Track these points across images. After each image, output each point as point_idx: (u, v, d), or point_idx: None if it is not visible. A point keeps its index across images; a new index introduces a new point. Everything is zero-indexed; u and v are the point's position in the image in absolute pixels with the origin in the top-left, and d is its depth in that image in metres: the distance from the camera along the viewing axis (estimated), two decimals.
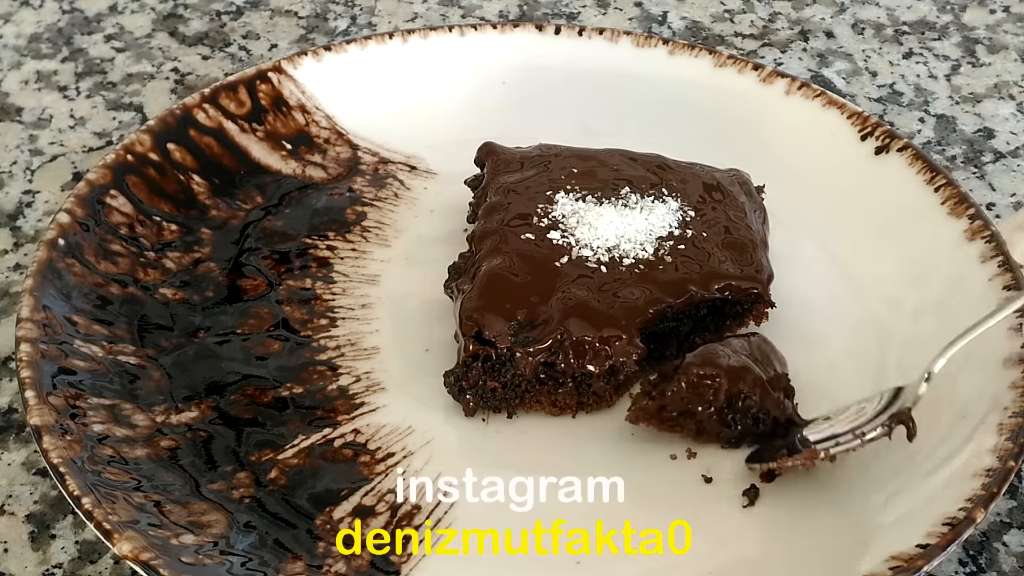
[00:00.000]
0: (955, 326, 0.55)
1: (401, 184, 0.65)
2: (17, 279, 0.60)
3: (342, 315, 0.58)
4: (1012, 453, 0.47)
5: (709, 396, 0.51)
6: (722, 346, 0.53)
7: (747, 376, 0.51)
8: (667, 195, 0.57)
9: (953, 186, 0.59)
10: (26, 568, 0.48)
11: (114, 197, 0.58)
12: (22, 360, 0.49)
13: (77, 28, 0.78)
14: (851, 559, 0.47)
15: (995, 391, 0.51)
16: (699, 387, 0.50)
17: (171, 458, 0.50)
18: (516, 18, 0.80)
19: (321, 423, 0.53)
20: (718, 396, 0.50)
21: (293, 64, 0.66)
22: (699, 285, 0.54)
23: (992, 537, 0.51)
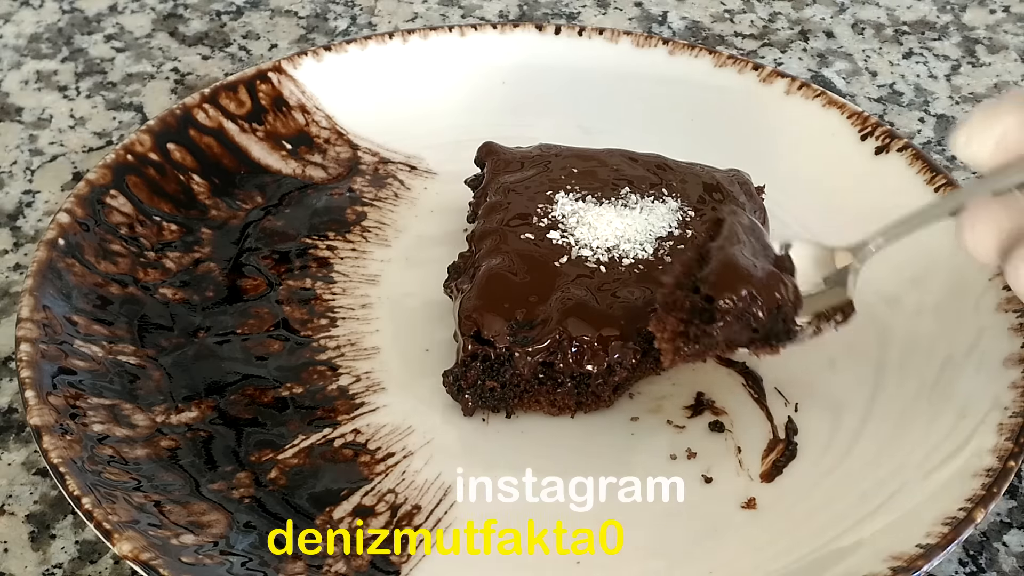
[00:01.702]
0: (955, 326, 0.55)
1: (401, 184, 0.65)
2: (17, 279, 0.60)
3: (342, 315, 0.58)
4: (1012, 453, 0.47)
5: (751, 321, 0.47)
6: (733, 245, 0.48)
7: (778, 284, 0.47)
8: (667, 195, 0.57)
9: (953, 186, 0.59)
10: (26, 568, 0.48)
11: (114, 197, 0.58)
12: (22, 360, 0.49)
13: (77, 28, 0.78)
14: (851, 559, 0.47)
15: (995, 391, 0.51)
16: (741, 315, 0.47)
17: (171, 458, 0.50)
18: (516, 18, 0.80)
19: (321, 423, 0.53)
20: (758, 318, 0.47)
21: (293, 64, 0.66)
22: None
23: (992, 537, 0.51)
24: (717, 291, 0.46)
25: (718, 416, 0.54)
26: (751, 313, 0.46)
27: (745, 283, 0.46)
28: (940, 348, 0.54)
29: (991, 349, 0.52)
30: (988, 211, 0.41)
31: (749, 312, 0.46)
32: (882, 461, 0.51)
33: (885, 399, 0.54)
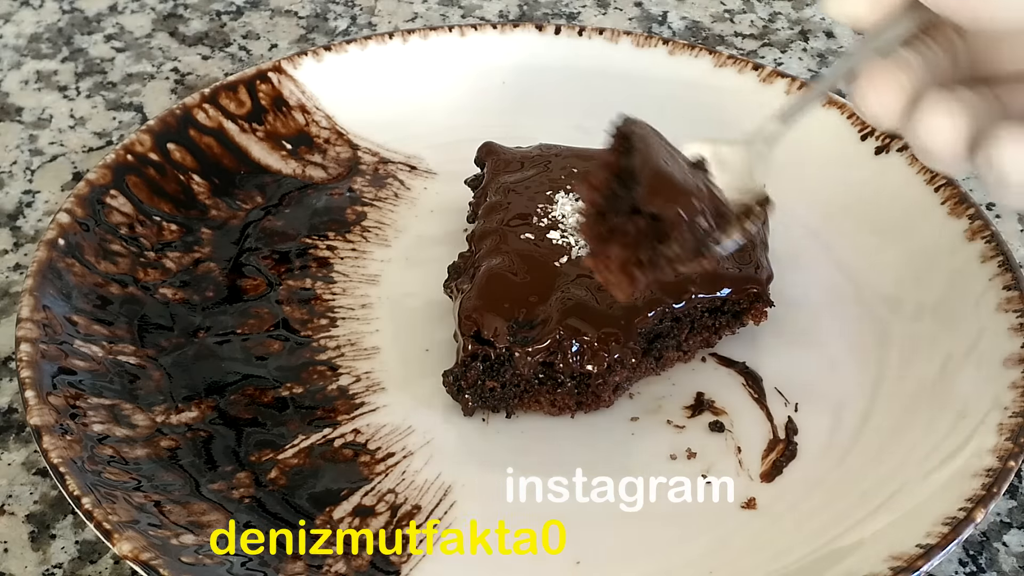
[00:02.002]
0: (955, 326, 0.55)
1: (401, 184, 0.65)
2: (17, 279, 0.60)
3: (342, 315, 0.58)
4: (1012, 453, 0.47)
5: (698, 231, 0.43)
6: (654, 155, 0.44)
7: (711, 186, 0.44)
8: None
9: (953, 186, 0.59)
10: (26, 568, 0.48)
11: (114, 197, 0.58)
12: (22, 360, 0.49)
13: (77, 28, 0.78)
14: (851, 559, 0.47)
15: (995, 391, 0.51)
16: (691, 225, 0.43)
17: (171, 458, 0.50)
18: (516, 18, 0.80)
19: (321, 423, 0.53)
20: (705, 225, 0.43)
21: (293, 64, 0.66)
22: (698, 286, 0.54)
23: (992, 537, 0.51)
24: (664, 204, 0.42)
25: (718, 416, 0.54)
26: (698, 221, 0.43)
27: (687, 191, 0.43)
28: (940, 348, 0.54)
29: (991, 349, 0.52)
30: (886, 72, 0.39)
31: (696, 220, 0.43)
32: (882, 461, 0.51)
33: (885, 399, 0.54)
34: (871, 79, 0.40)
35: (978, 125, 0.38)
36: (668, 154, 0.44)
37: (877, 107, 0.40)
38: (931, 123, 0.39)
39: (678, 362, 0.56)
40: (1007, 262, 0.55)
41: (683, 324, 0.55)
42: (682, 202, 0.42)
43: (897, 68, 0.39)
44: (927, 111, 0.39)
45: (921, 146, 0.39)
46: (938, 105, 0.39)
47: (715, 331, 0.56)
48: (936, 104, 0.39)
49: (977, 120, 0.39)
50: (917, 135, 0.39)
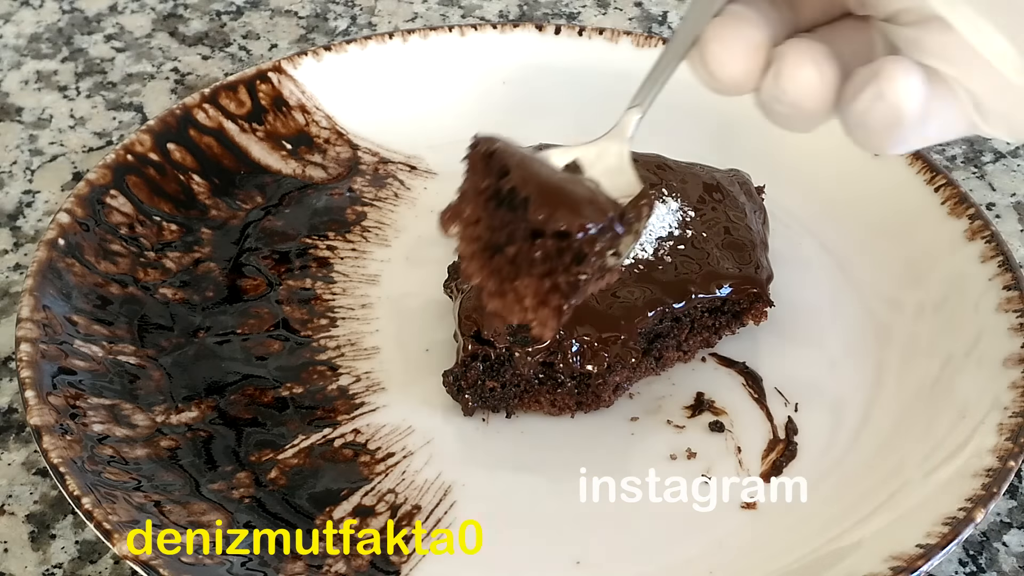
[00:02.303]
0: (955, 326, 0.55)
1: (401, 184, 0.65)
2: (17, 279, 0.60)
3: (342, 315, 0.58)
4: (1012, 453, 0.47)
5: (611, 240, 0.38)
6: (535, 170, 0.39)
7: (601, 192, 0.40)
8: (667, 195, 0.57)
9: (953, 186, 0.59)
10: (26, 568, 0.48)
11: (114, 197, 0.58)
12: (22, 360, 0.49)
13: (77, 28, 0.78)
14: (851, 559, 0.47)
15: (995, 391, 0.51)
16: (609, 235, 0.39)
17: (171, 458, 0.50)
18: (516, 18, 0.80)
19: (321, 423, 0.53)
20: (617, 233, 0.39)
21: (293, 64, 0.66)
22: (699, 286, 0.54)
23: (992, 537, 0.51)
24: (568, 217, 0.38)
25: (718, 416, 0.54)
26: (607, 227, 0.38)
27: (585, 198, 0.38)
28: (940, 348, 0.54)
29: (991, 349, 0.52)
30: (731, 29, 0.37)
31: (605, 227, 0.38)
32: (882, 461, 0.51)
33: (885, 399, 0.54)
34: (719, 39, 0.37)
35: (844, 68, 0.37)
36: (541, 164, 0.40)
37: (731, 67, 0.37)
38: (796, 74, 0.37)
39: (678, 362, 0.56)
40: (1007, 262, 0.55)
41: (683, 324, 0.55)
42: (586, 211, 0.38)
43: (740, 22, 0.37)
44: (789, 63, 0.37)
45: (788, 103, 0.37)
46: (801, 55, 0.37)
47: (715, 331, 0.56)
48: (798, 54, 0.37)
49: (843, 63, 0.37)
50: (783, 91, 0.37)
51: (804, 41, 0.37)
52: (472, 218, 0.40)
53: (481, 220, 0.40)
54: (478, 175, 0.40)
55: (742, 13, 0.38)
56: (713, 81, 0.38)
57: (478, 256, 0.40)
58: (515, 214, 0.39)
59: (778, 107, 0.38)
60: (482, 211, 0.40)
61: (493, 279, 0.40)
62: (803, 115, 0.38)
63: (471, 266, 0.40)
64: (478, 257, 0.40)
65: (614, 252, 0.39)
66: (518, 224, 0.38)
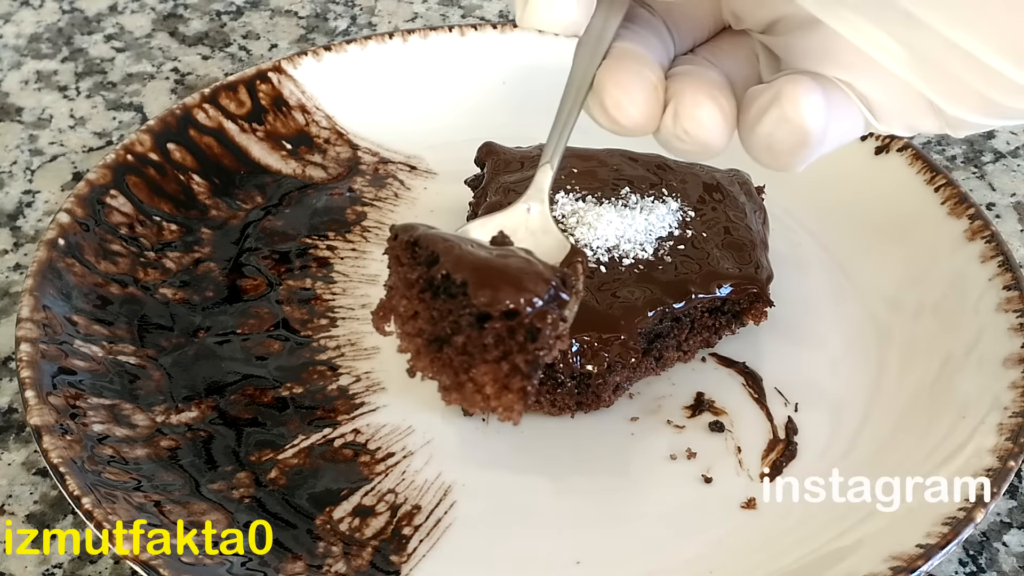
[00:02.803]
0: (955, 326, 0.55)
1: (401, 184, 0.65)
2: (17, 279, 0.60)
3: (342, 315, 0.58)
4: (1012, 453, 0.47)
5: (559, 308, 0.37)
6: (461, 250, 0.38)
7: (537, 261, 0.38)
8: (667, 195, 0.57)
9: (953, 186, 0.59)
10: (26, 568, 0.48)
11: (114, 197, 0.58)
12: (22, 360, 0.49)
13: (77, 28, 0.78)
14: (851, 559, 0.47)
15: (995, 391, 0.51)
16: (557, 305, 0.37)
17: (171, 458, 0.50)
18: None
19: (321, 423, 0.53)
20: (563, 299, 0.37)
21: (293, 64, 0.66)
22: (699, 286, 0.54)
23: (992, 537, 0.51)
24: (512, 295, 0.36)
25: (718, 416, 0.54)
26: (552, 296, 0.37)
27: (524, 271, 0.37)
28: (940, 348, 0.54)
29: (991, 349, 0.52)
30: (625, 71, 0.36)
31: (550, 297, 0.37)
32: (882, 461, 0.51)
33: (885, 399, 0.54)
34: (616, 84, 0.37)
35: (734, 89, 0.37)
36: (468, 243, 0.39)
37: (633, 112, 0.36)
38: (696, 113, 0.36)
39: (678, 362, 0.56)
40: (1007, 262, 0.55)
41: (683, 324, 0.55)
42: (528, 284, 0.36)
43: (633, 63, 0.37)
44: (688, 102, 0.36)
45: (691, 141, 0.37)
46: (697, 91, 0.36)
47: (715, 331, 0.56)
48: (695, 91, 0.36)
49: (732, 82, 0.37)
50: (684, 131, 0.36)
51: (696, 74, 0.37)
52: (408, 312, 0.39)
53: (419, 313, 0.38)
54: (405, 267, 0.39)
55: (632, 52, 0.37)
56: (615, 126, 0.37)
57: (424, 351, 0.39)
58: (455, 301, 0.37)
59: (680, 144, 0.37)
60: (418, 304, 0.38)
61: (446, 373, 0.38)
62: (706, 149, 0.37)
63: (420, 362, 0.39)
64: (424, 352, 0.39)
65: (562, 318, 0.37)
66: (460, 311, 0.37)
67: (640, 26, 0.38)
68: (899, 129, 0.37)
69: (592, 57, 0.38)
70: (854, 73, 0.36)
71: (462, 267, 0.37)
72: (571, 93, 0.39)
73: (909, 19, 0.33)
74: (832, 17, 0.34)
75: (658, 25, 0.39)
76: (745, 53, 0.39)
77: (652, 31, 0.38)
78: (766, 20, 0.37)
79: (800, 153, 0.36)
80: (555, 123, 0.41)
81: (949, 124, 0.36)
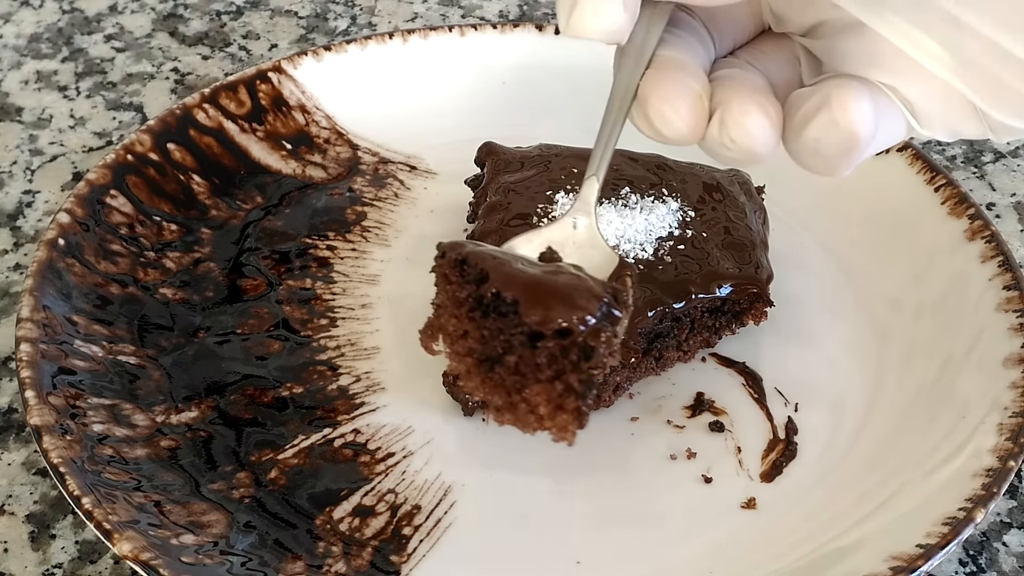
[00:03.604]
0: (955, 326, 0.55)
1: (401, 184, 0.65)
2: (17, 279, 0.60)
3: (342, 315, 0.58)
4: (1012, 453, 0.47)
5: (612, 325, 0.36)
6: (509, 267, 0.37)
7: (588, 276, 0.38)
8: (667, 195, 0.57)
9: (953, 186, 0.59)
10: (26, 568, 0.48)
11: (114, 197, 0.58)
12: (22, 360, 0.49)
13: (77, 28, 0.78)
14: (851, 559, 0.47)
15: (995, 391, 0.51)
16: (610, 323, 0.36)
17: (171, 458, 0.50)
18: (516, 18, 0.80)
19: (321, 423, 0.53)
20: (616, 316, 0.37)
21: (293, 64, 0.66)
22: (699, 286, 0.54)
23: (992, 537, 0.51)
24: (566, 313, 0.35)
25: (718, 416, 0.54)
26: (604, 314, 0.36)
27: (575, 288, 0.36)
28: (940, 348, 0.54)
29: (991, 349, 0.52)
30: (670, 82, 0.36)
31: (602, 314, 0.36)
32: (882, 461, 0.51)
33: (885, 399, 0.54)
34: (660, 96, 0.36)
35: (778, 93, 0.37)
36: (517, 260, 0.38)
37: (678, 123, 0.36)
38: (743, 122, 0.36)
39: (678, 362, 0.56)
40: (1007, 262, 0.55)
41: (683, 324, 0.55)
42: (580, 301, 0.35)
43: (677, 73, 0.36)
44: (735, 110, 0.36)
45: (738, 149, 0.36)
46: (744, 99, 0.36)
47: (715, 331, 0.56)
48: (742, 99, 0.36)
49: (775, 86, 0.37)
50: (731, 139, 0.36)
51: (741, 79, 0.37)
52: (458, 332, 0.38)
53: (469, 332, 0.38)
54: (454, 285, 0.38)
55: (676, 60, 0.37)
56: (660, 137, 0.37)
57: (475, 371, 0.38)
58: (506, 320, 0.36)
59: (726, 152, 0.37)
60: (467, 323, 0.38)
61: (498, 393, 0.37)
62: (753, 157, 0.37)
63: (470, 382, 0.38)
64: (475, 372, 0.38)
65: (615, 335, 0.36)
66: (512, 330, 0.36)
67: (682, 29, 0.38)
68: (941, 133, 0.37)
69: (636, 66, 0.37)
70: (898, 77, 0.36)
71: (513, 285, 0.36)
72: (615, 104, 0.38)
73: (953, 22, 0.33)
74: (876, 20, 0.34)
75: (699, 28, 0.39)
76: (786, 56, 0.39)
77: (693, 34, 0.38)
78: (809, 23, 0.37)
79: (848, 158, 0.36)
80: (599, 135, 0.40)
81: (992, 128, 0.36)
